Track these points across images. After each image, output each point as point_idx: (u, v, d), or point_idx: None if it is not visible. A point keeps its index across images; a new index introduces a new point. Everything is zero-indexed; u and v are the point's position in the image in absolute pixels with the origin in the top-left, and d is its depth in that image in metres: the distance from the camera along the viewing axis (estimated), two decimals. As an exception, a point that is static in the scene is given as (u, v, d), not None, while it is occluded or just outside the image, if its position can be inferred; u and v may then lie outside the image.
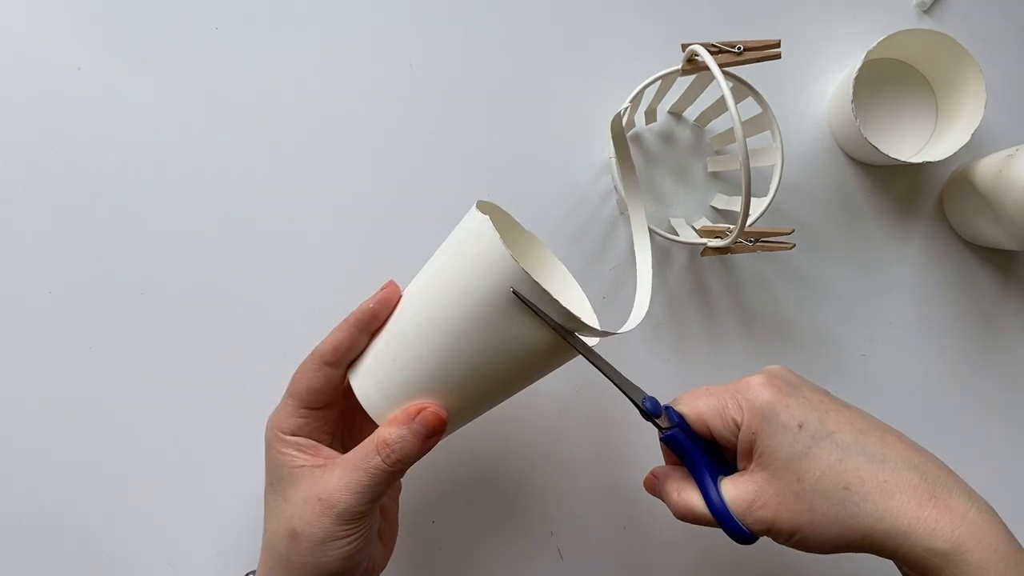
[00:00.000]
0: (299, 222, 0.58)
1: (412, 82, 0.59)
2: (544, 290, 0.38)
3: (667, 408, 0.43)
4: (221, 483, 0.56)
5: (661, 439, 0.43)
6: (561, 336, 0.40)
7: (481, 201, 0.45)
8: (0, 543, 0.54)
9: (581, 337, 0.42)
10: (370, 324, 0.44)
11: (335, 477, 0.41)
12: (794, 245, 0.51)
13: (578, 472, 0.57)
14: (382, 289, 0.45)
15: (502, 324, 0.40)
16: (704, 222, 0.58)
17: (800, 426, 0.39)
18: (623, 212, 0.58)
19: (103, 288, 0.56)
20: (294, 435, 0.44)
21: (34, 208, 0.56)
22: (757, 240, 0.51)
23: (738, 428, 0.40)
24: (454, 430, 0.45)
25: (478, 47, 0.60)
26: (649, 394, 0.42)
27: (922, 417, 0.59)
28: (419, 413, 0.41)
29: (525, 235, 0.51)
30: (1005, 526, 0.37)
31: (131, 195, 0.57)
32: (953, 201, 0.59)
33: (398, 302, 0.45)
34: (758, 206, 0.53)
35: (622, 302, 0.58)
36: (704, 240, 0.53)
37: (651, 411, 0.42)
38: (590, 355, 0.42)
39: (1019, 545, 0.37)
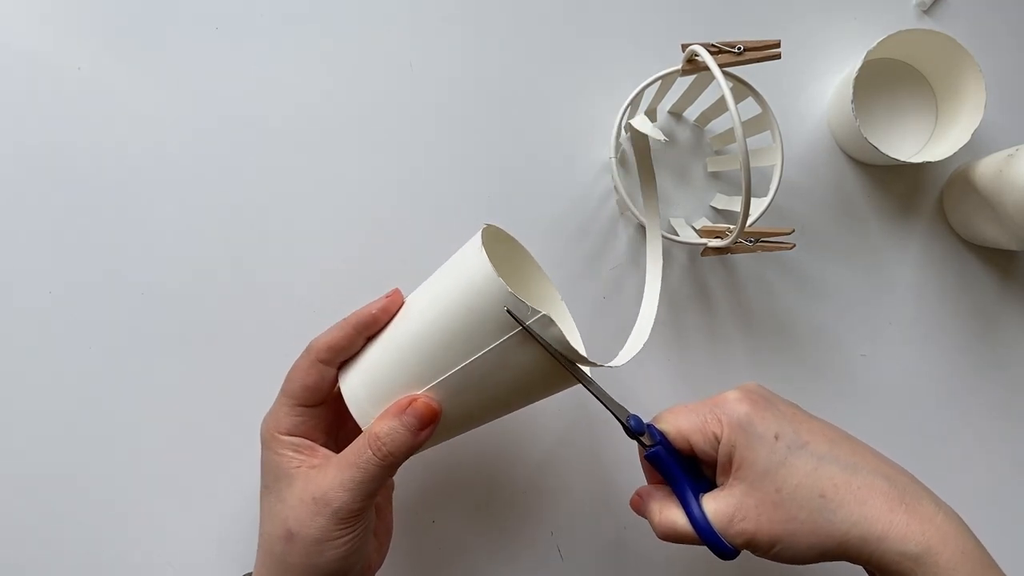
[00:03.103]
0: (299, 222, 0.58)
1: (412, 82, 0.59)
2: (560, 331, 0.39)
3: (649, 426, 0.44)
4: (221, 483, 0.56)
5: (645, 456, 0.43)
6: (562, 365, 0.41)
7: (488, 225, 0.45)
8: (0, 543, 0.54)
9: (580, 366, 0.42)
10: (369, 328, 0.44)
11: (329, 476, 0.41)
12: (794, 245, 0.51)
13: (578, 472, 0.57)
14: (386, 296, 0.45)
15: (499, 353, 0.40)
16: (704, 222, 0.58)
17: (776, 437, 0.40)
18: (623, 212, 0.58)
19: (103, 288, 0.56)
20: (290, 435, 0.44)
21: (34, 208, 0.56)
22: (757, 240, 0.51)
23: (718, 442, 0.41)
24: (440, 441, 0.46)
25: (478, 47, 0.60)
26: (633, 412, 0.43)
27: (922, 417, 0.59)
28: (410, 404, 0.41)
29: (520, 252, 0.51)
30: (971, 531, 0.39)
31: (131, 195, 0.57)
32: (953, 201, 0.59)
33: (399, 310, 0.45)
34: (758, 206, 0.53)
35: (622, 302, 0.58)
36: (704, 240, 0.53)
37: (635, 429, 0.43)
38: (583, 379, 0.42)
39: (984, 549, 0.38)
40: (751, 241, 0.51)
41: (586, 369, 0.47)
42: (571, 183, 0.58)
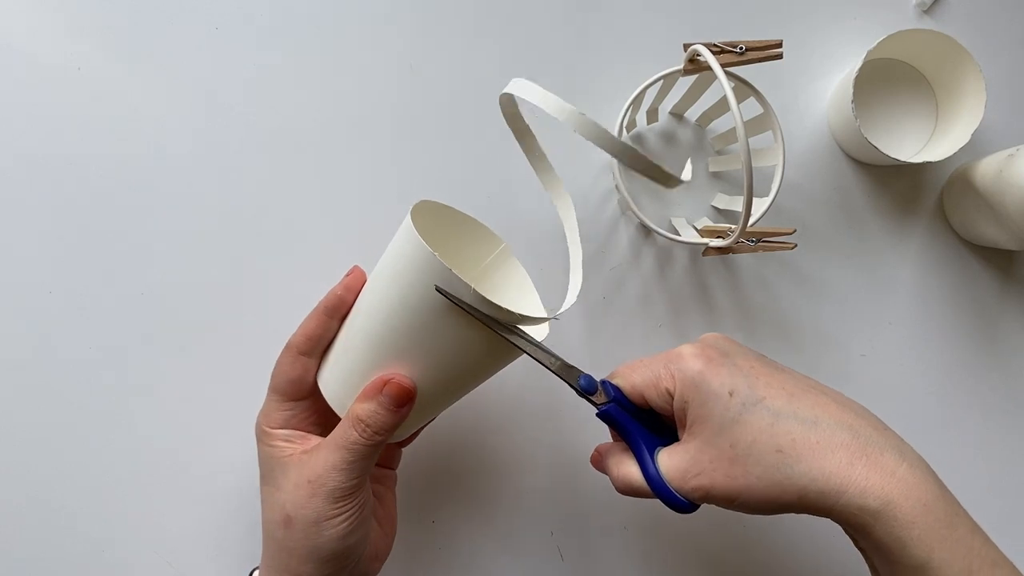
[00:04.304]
0: (299, 222, 0.58)
1: (412, 83, 0.59)
2: (465, 283, 0.39)
3: (604, 383, 0.43)
4: (221, 482, 0.56)
5: (597, 415, 0.43)
6: (487, 325, 0.40)
7: (421, 201, 0.45)
8: (0, 543, 0.54)
9: (521, 327, 0.42)
10: (338, 310, 0.45)
11: (320, 459, 0.42)
12: (795, 245, 0.51)
13: (578, 472, 0.57)
14: (347, 275, 0.46)
15: (434, 320, 0.40)
16: (705, 222, 0.58)
17: (731, 394, 0.39)
18: (624, 212, 0.58)
19: (103, 288, 0.56)
20: (281, 428, 0.45)
21: (34, 208, 0.56)
22: (759, 240, 0.51)
23: (672, 398, 0.41)
24: (420, 423, 0.46)
25: (478, 49, 0.59)
26: (586, 372, 0.43)
27: (922, 417, 0.59)
28: (385, 385, 0.41)
29: (468, 225, 0.51)
30: (937, 481, 0.38)
31: (131, 195, 0.57)
32: (953, 201, 0.59)
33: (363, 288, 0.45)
34: (759, 206, 0.53)
35: (622, 302, 0.58)
36: (706, 240, 0.53)
37: (586, 389, 0.43)
38: (519, 341, 0.42)
39: (951, 499, 0.37)
40: (753, 241, 0.51)
41: (532, 331, 0.46)
42: (571, 183, 0.58)
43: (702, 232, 0.56)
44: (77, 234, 0.57)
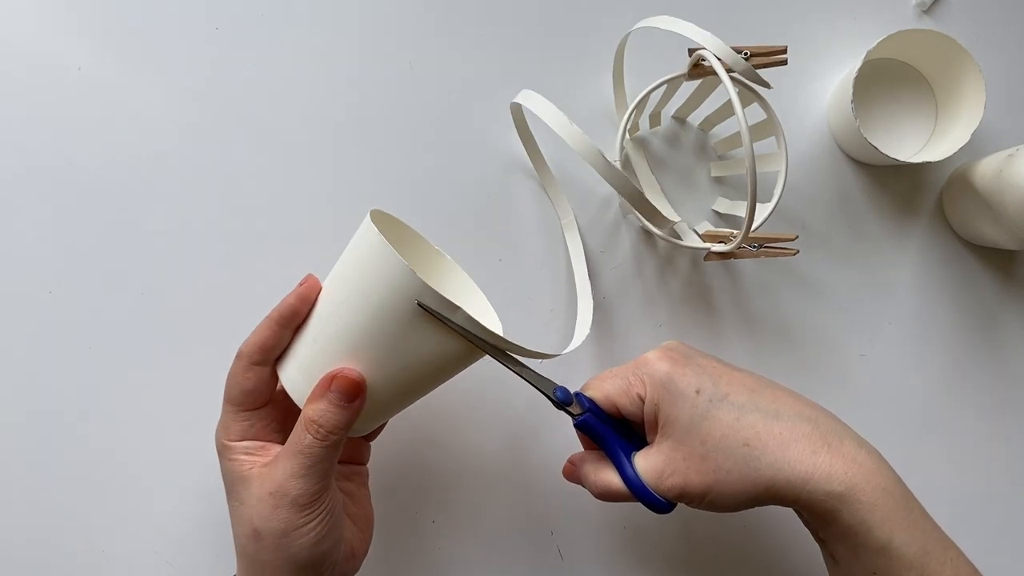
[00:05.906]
0: (300, 222, 0.58)
1: (412, 82, 0.59)
2: (470, 316, 0.40)
3: (577, 395, 0.45)
4: (219, 481, 0.55)
5: (574, 425, 0.45)
6: (477, 345, 0.41)
7: (375, 210, 0.45)
8: (0, 543, 0.54)
9: (514, 355, 0.43)
10: (292, 320, 0.44)
11: (279, 468, 0.41)
12: (798, 251, 0.51)
13: (580, 472, 0.57)
14: (301, 284, 0.44)
15: (413, 335, 0.41)
16: (707, 226, 0.58)
17: (697, 392, 0.41)
18: (626, 215, 0.58)
19: (103, 288, 0.56)
20: (242, 439, 0.44)
21: (34, 208, 0.56)
22: (761, 246, 0.51)
23: (643, 402, 0.43)
24: (383, 419, 0.46)
25: (478, 48, 0.59)
26: (560, 384, 0.44)
27: (922, 417, 0.59)
28: (332, 381, 0.41)
29: (405, 231, 0.51)
30: (891, 468, 0.41)
31: (130, 195, 0.57)
32: (953, 201, 0.59)
33: (318, 296, 0.44)
34: (762, 211, 0.53)
35: (622, 303, 0.58)
36: (707, 245, 0.53)
37: (562, 400, 0.44)
38: (498, 355, 0.43)
39: (904, 484, 0.40)
40: (755, 247, 0.51)
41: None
42: (572, 183, 0.58)
43: (703, 236, 0.56)
44: (77, 234, 0.56)
